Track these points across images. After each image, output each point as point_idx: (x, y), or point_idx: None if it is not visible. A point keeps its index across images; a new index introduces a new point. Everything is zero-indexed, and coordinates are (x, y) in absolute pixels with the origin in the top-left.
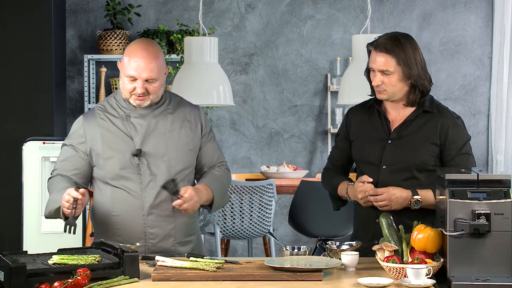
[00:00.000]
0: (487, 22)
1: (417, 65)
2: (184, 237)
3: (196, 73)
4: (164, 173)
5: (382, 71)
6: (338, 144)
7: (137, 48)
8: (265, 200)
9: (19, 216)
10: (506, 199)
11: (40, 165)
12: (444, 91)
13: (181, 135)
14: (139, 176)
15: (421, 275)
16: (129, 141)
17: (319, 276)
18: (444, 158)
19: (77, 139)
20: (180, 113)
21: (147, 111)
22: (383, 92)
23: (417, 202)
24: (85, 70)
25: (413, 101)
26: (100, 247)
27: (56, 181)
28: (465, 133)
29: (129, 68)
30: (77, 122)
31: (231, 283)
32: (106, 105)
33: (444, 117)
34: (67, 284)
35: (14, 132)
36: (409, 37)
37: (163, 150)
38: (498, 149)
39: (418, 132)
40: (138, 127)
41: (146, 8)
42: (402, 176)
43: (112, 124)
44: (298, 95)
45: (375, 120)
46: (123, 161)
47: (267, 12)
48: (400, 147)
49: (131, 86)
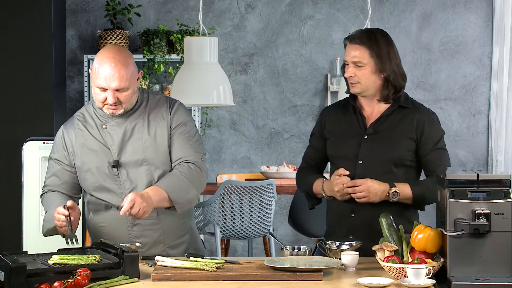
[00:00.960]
0: (487, 22)
1: (390, 59)
2: (174, 241)
3: (196, 73)
4: (144, 181)
5: (355, 63)
6: (313, 143)
7: (104, 57)
8: (265, 200)
9: (19, 216)
10: (506, 199)
11: (40, 165)
12: (444, 91)
13: (158, 137)
14: (119, 186)
15: (421, 275)
16: (107, 151)
17: (319, 276)
18: (420, 153)
19: (60, 152)
20: (157, 113)
21: (123, 118)
22: (356, 85)
23: (395, 194)
24: (85, 70)
25: (386, 96)
26: (100, 247)
27: (48, 198)
28: (440, 128)
29: (98, 78)
30: (59, 134)
31: (231, 283)
32: (84, 114)
33: (420, 112)
34: (67, 284)
35: (14, 132)
36: (384, 32)
37: (141, 157)
38: (498, 149)
39: (395, 127)
40: (115, 136)
41: (146, 8)
42: (378, 171)
43: (90, 135)
44: (298, 95)
45: (350, 116)
46: (102, 173)
47: (267, 12)
48: (376, 142)
49: (103, 96)
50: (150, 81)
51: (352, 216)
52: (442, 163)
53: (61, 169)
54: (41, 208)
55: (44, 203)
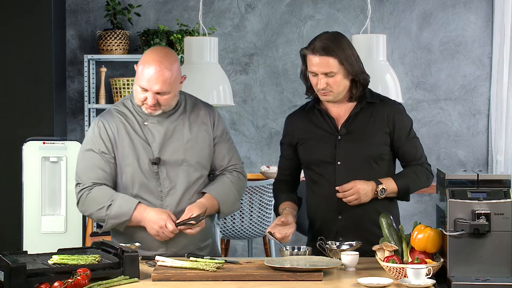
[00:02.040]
0: (487, 22)
1: (356, 60)
2: (202, 242)
3: (196, 73)
4: (183, 181)
5: (326, 74)
6: (283, 153)
7: (150, 59)
8: (265, 200)
9: (19, 216)
10: (506, 199)
11: (40, 165)
12: (444, 91)
13: (199, 140)
14: (158, 184)
15: (421, 275)
16: (147, 148)
17: (319, 276)
18: (395, 145)
19: (103, 144)
20: (196, 116)
21: (163, 117)
22: (329, 93)
23: (382, 191)
24: (85, 70)
25: (355, 95)
26: (100, 247)
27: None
28: (409, 117)
29: (141, 78)
30: (99, 126)
31: (231, 283)
32: (123, 109)
33: (388, 105)
34: (67, 284)
35: (14, 132)
36: (342, 34)
37: (181, 157)
38: (498, 149)
39: (367, 124)
40: (156, 133)
41: (146, 8)
42: (359, 169)
43: (132, 129)
44: (298, 95)
45: (317, 120)
46: (142, 168)
47: (267, 12)
48: (351, 141)
49: (143, 96)
50: None
51: (339, 218)
52: (417, 151)
53: (106, 161)
54: (41, 208)
55: (95, 199)
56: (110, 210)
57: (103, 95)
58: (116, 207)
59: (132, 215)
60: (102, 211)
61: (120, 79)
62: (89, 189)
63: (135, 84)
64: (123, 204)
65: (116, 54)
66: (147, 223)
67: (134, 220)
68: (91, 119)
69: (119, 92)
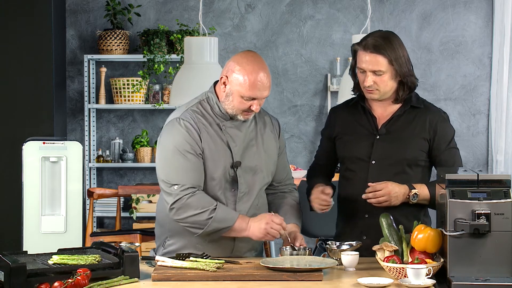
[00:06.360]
0: (487, 22)
1: (406, 62)
2: (260, 247)
3: (196, 73)
4: (257, 188)
5: (374, 71)
6: (323, 143)
7: (255, 67)
8: None
9: (19, 216)
10: (506, 199)
11: (40, 165)
12: (444, 91)
13: (270, 147)
14: (235, 188)
15: (421, 275)
16: (227, 151)
17: (319, 276)
18: (433, 153)
19: (195, 144)
20: (265, 125)
21: (239, 122)
22: (375, 91)
23: (415, 196)
24: (85, 70)
25: (402, 97)
26: (100, 247)
27: (204, 197)
28: (451, 127)
29: (251, 89)
30: (185, 125)
31: (231, 283)
32: (201, 110)
33: (432, 112)
34: (67, 284)
35: (14, 132)
36: (395, 34)
37: (256, 163)
38: (498, 149)
39: (407, 127)
40: (236, 138)
41: (146, 8)
42: (392, 171)
43: (212, 131)
44: (298, 95)
45: (360, 117)
46: (221, 171)
47: (267, 12)
48: (389, 142)
49: (247, 104)
50: (150, 81)
51: (366, 217)
52: (455, 162)
53: (201, 163)
54: (41, 208)
55: (199, 202)
56: (215, 213)
57: (103, 95)
58: (222, 211)
59: (236, 221)
60: (204, 214)
61: (120, 79)
62: (193, 192)
63: (234, 95)
64: (227, 210)
65: (116, 54)
66: (252, 227)
67: (237, 227)
68: (91, 119)
69: (119, 92)
